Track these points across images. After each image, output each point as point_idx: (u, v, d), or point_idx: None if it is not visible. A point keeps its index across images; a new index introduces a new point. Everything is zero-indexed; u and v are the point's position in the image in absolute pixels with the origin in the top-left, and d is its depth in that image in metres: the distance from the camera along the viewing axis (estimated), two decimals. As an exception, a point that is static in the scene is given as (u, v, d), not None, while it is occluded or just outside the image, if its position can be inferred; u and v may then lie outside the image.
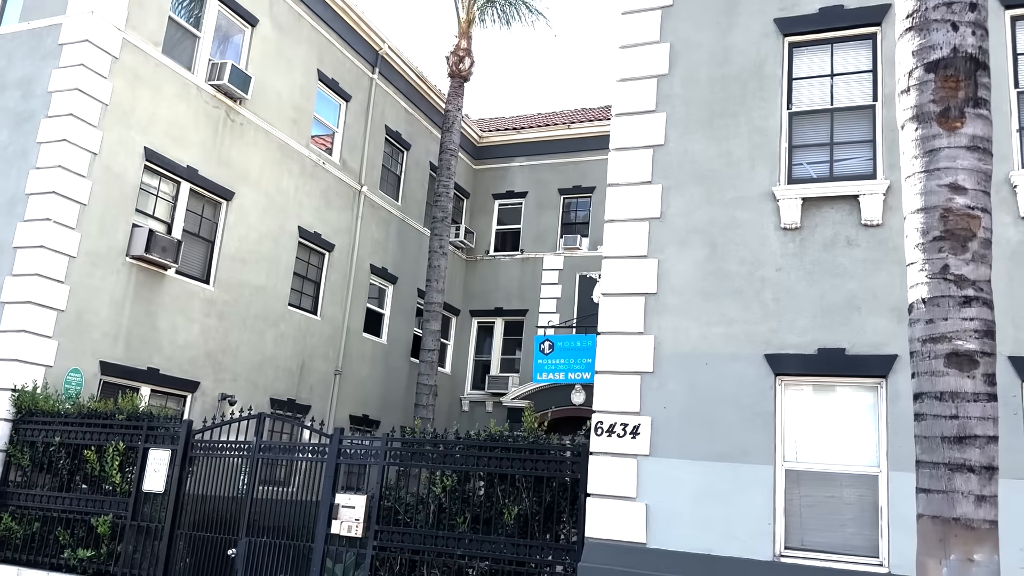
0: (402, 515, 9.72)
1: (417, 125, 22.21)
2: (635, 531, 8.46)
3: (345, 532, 9.74)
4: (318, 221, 18.23)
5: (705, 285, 8.83)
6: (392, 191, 21.26)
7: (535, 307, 22.46)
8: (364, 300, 19.84)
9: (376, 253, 20.25)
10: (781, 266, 8.58)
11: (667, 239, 9.11)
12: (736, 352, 8.56)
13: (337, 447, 10.18)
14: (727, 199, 8.94)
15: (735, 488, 8.25)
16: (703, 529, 8.26)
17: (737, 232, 8.83)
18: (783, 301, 8.49)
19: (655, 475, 8.55)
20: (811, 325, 8.34)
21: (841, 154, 8.81)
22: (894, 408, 7.89)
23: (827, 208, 8.54)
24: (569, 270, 22.35)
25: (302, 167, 17.76)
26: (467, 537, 9.25)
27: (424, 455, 9.84)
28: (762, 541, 8.06)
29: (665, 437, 8.61)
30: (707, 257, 8.89)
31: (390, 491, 9.93)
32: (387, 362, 20.54)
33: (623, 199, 9.37)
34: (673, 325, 8.86)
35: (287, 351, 17.24)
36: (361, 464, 10.10)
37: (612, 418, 8.83)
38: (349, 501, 9.84)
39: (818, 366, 8.24)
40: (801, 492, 8.21)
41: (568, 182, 23.07)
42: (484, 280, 23.43)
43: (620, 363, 8.95)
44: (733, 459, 8.32)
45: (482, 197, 24.16)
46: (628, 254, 9.22)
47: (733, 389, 8.48)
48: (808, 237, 8.56)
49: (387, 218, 20.74)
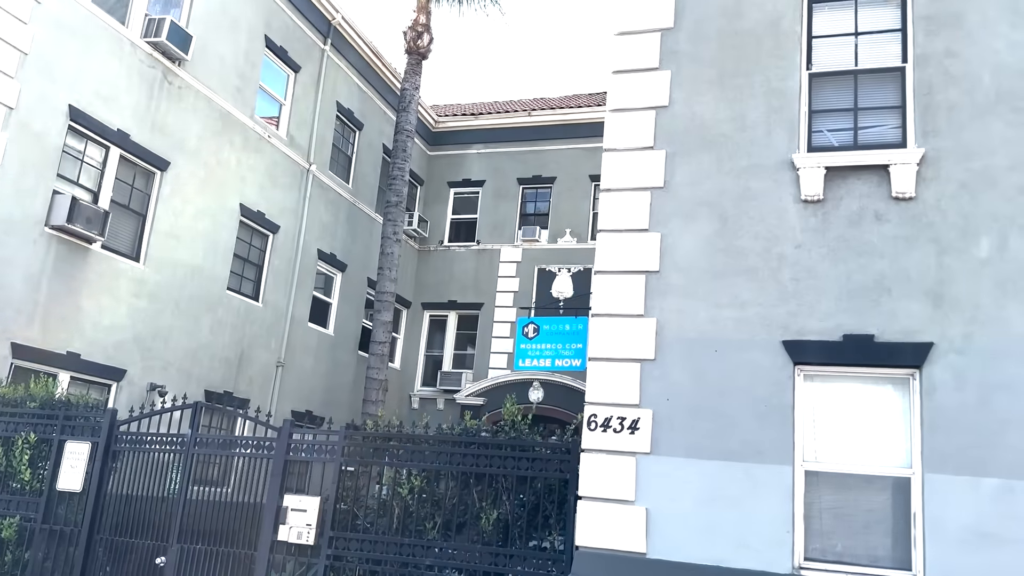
0: (361, 520, 8.50)
1: (371, 104, 20.92)
2: (633, 539, 7.42)
3: (294, 539, 8.48)
4: (262, 199, 16.82)
5: (715, 263, 7.86)
6: (343, 173, 19.93)
7: (491, 301, 21.36)
8: (310, 287, 18.47)
9: (324, 237, 18.89)
10: (801, 243, 7.65)
11: (671, 211, 8.11)
12: (750, 338, 7.59)
13: (287, 442, 8.91)
14: (740, 168, 7.99)
15: (748, 491, 7.28)
16: (712, 537, 7.26)
17: (751, 204, 7.88)
18: (803, 281, 7.56)
19: (657, 476, 7.53)
20: (835, 309, 7.43)
21: (866, 121, 7.93)
22: (930, 402, 7.02)
23: (853, 179, 7.65)
24: (527, 263, 21.31)
25: (245, 140, 16.34)
26: (437, 545, 8.09)
27: (388, 451, 8.64)
28: (779, 551, 7.10)
29: (668, 433, 7.60)
30: (717, 232, 7.92)
31: (348, 492, 8.71)
32: (333, 355, 19.19)
33: (621, 166, 8.34)
34: (678, 307, 7.86)
35: (224, 339, 15.79)
36: (315, 461, 8.85)
37: (607, 411, 7.79)
38: (300, 503, 8.58)
39: (843, 354, 7.32)
40: (823, 496, 7.28)
41: (528, 171, 22.04)
42: (437, 272, 22.22)
43: (617, 349, 7.92)
44: (746, 458, 7.35)
45: (437, 185, 22.97)
46: (627, 227, 8.19)
47: (746, 380, 7.51)
48: (831, 211, 7.65)
49: (337, 201, 19.40)
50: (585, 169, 21.42)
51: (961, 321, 7.08)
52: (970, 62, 7.56)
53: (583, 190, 21.36)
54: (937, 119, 7.54)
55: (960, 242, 7.23)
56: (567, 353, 8.45)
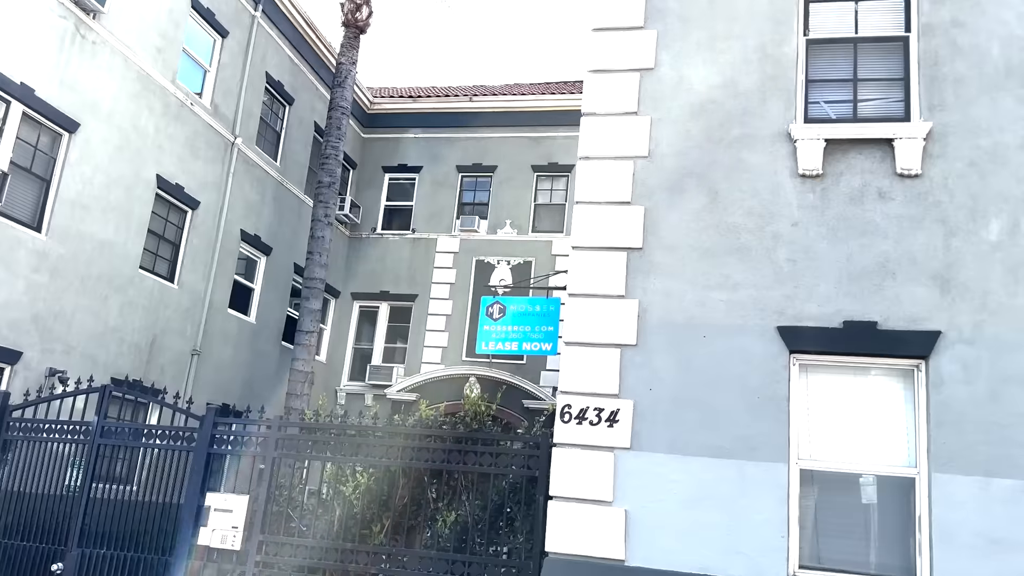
0: (297, 522, 7.48)
1: (303, 79, 19.66)
2: (611, 544, 6.63)
3: (218, 543, 7.39)
4: (181, 172, 15.45)
5: (704, 240, 7.14)
6: (271, 149, 18.63)
7: (426, 292, 20.34)
8: (231, 271, 17.13)
9: (249, 217, 17.57)
10: (798, 220, 7.01)
11: (657, 183, 7.37)
12: (742, 323, 6.90)
13: (210, 432, 7.81)
14: (732, 138, 7.30)
15: (739, 491, 6.57)
16: (698, 542, 6.53)
17: (744, 177, 7.20)
18: (801, 263, 6.92)
19: (638, 473, 6.76)
20: (835, 292, 6.80)
21: (867, 93, 7.35)
22: (936, 396, 6.44)
23: (854, 153, 7.05)
24: (465, 254, 20.37)
25: (166, 106, 14.96)
26: (385, 551, 7.14)
27: (330, 445, 7.63)
28: (772, 557, 6.41)
29: (651, 426, 6.84)
30: (706, 206, 7.21)
31: (281, 491, 7.67)
32: (254, 344, 17.87)
33: (602, 132, 7.56)
34: (663, 288, 7.12)
35: (135, 323, 14.38)
36: (243, 455, 7.76)
37: (583, 401, 6.98)
38: (224, 503, 7.50)
39: (843, 343, 6.70)
40: (819, 497, 6.64)
41: (468, 159, 21.11)
42: (369, 260, 21.07)
43: (594, 333, 7.12)
44: (737, 455, 6.65)
45: (371, 169, 21.82)
46: (607, 199, 7.41)
47: (738, 368, 6.81)
48: (831, 187, 7.03)
49: (263, 179, 18.09)
50: (528, 159, 20.64)
51: (970, 309, 6.54)
52: (978, 33, 7.06)
53: (525, 180, 20.57)
54: (944, 92, 7.01)
55: (969, 224, 6.70)
56: (537, 336, 7.62)
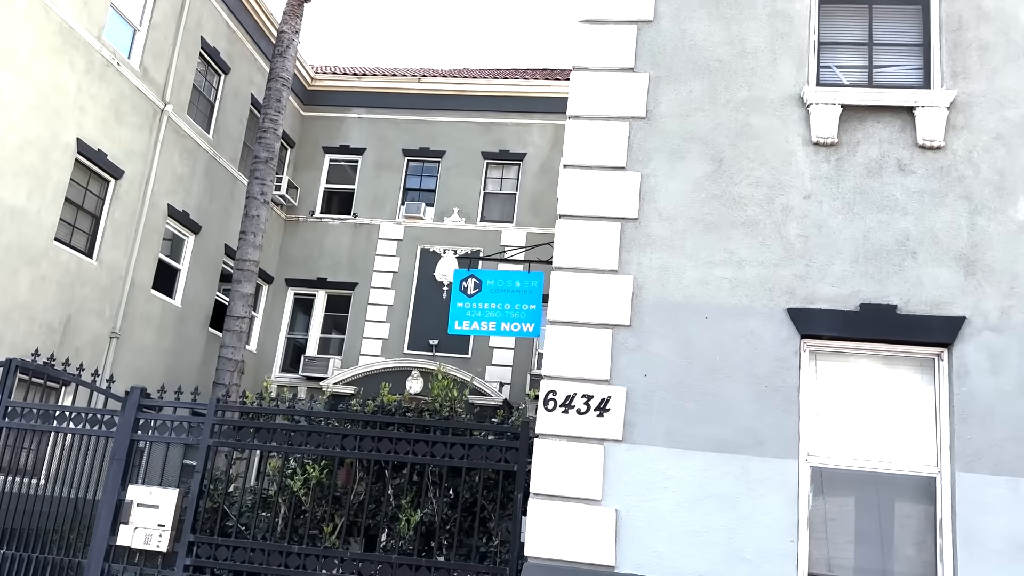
0: (235, 521, 6.49)
1: (240, 48, 18.41)
2: (599, 548, 5.85)
3: (141, 544, 6.35)
4: (104, 137, 14.11)
5: (706, 212, 6.43)
6: (203, 120, 17.34)
7: (366, 280, 19.29)
8: (156, 248, 15.82)
9: (177, 192, 16.26)
10: (811, 192, 6.36)
11: (654, 147, 6.63)
12: (748, 304, 6.21)
13: (134, 416, 6.75)
14: (738, 100, 6.62)
15: (744, 490, 5.87)
16: (698, 547, 5.80)
17: (752, 144, 6.52)
18: (813, 239, 6.26)
19: (630, 469, 6.00)
20: (851, 272, 6.17)
21: (883, 59, 6.76)
22: (961, 387, 5.86)
23: (872, 122, 6.44)
24: (410, 242, 19.39)
25: (89, 63, 13.63)
26: (337, 555, 6.21)
27: (275, 432, 6.65)
28: (780, 564, 5.72)
29: (646, 416, 6.09)
30: (710, 175, 6.51)
31: (217, 484, 6.67)
32: (179, 330, 16.56)
33: (594, 89, 6.79)
34: (660, 263, 6.38)
35: (48, 300, 13.02)
36: (174, 443, 6.72)
37: (570, 387, 6.19)
38: (150, 497, 6.46)
39: (860, 327, 6.06)
40: (831, 498, 5.99)
41: (414, 143, 20.14)
42: (306, 245, 19.89)
43: (583, 311, 6.34)
44: (742, 450, 5.95)
45: (310, 149, 20.63)
46: (599, 164, 6.64)
47: (743, 354, 6.12)
48: (847, 157, 6.40)
49: (194, 151, 16.80)
50: (478, 145, 19.79)
51: (997, 293, 5.98)
52: (1005, -3, 6.54)
53: (474, 167, 19.71)
54: (968, 60, 6.46)
55: (995, 201, 6.15)
56: (517, 315, 6.80)
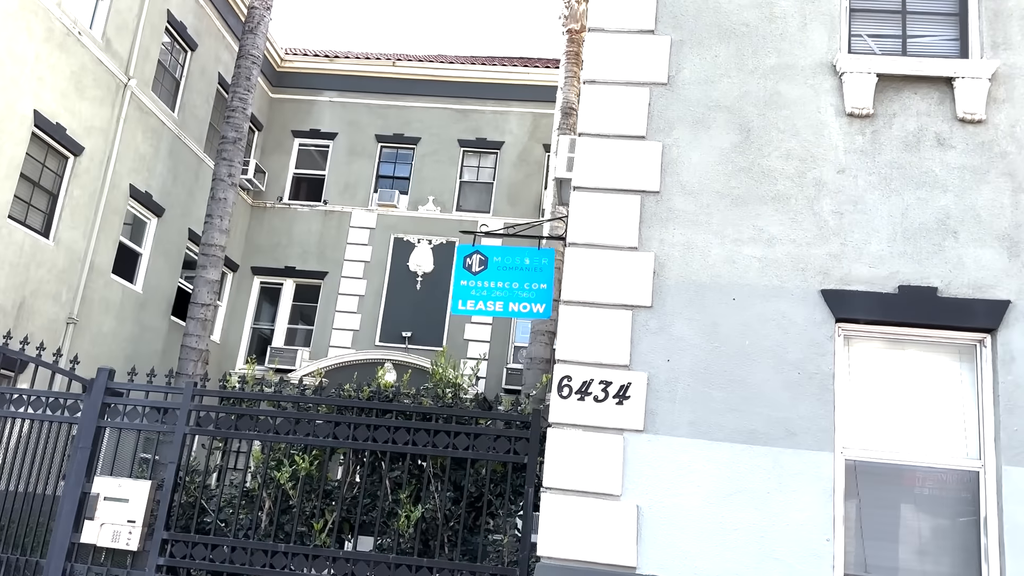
0: (213, 517, 5.87)
1: (208, 24, 17.60)
2: (618, 548, 5.37)
3: (108, 542, 5.71)
4: (64, 111, 13.28)
5: (733, 185, 5.98)
6: (168, 98, 16.51)
7: (337, 269, 18.60)
8: (117, 231, 14.99)
9: (140, 172, 15.44)
10: (845, 167, 5.94)
11: (677, 115, 6.16)
12: (779, 284, 5.77)
13: (100, 400, 6.10)
14: (767, 67, 6.18)
15: (776, 484, 5.43)
16: (726, 546, 5.35)
17: (781, 114, 6.08)
18: (849, 216, 5.85)
19: (652, 462, 5.52)
20: (888, 252, 5.76)
21: (917, 28, 6.38)
22: (1006, 375, 5.48)
23: (908, 93, 6.04)
24: (383, 230, 18.74)
25: (49, 31, 12.79)
26: (329, 554, 5.63)
27: (259, 420, 6.05)
28: (815, 564, 5.29)
29: (669, 405, 5.62)
30: (737, 145, 6.06)
31: (194, 477, 6.05)
32: (140, 317, 15.74)
33: (611, 52, 6.30)
34: (684, 240, 5.91)
35: (0, 281, 12.17)
36: (145, 430, 6.08)
37: (586, 372, 5.69)
38: (119, 490, 5.83)
39: (899, 311, 5.66)
40: (866, 493, 5.57)
41: (388, 128, 19.49)
42: (274, 232, 19.13)
43: (600, 291, 5.85)
44: (773, 441, 5.50)
45: (278, 133, 19.87)
46: (617, 132, 6.15)
47: (774, 338, 5.68)
48: (883, 130, 6.00)
49: (159, 130, 15.98)
50: (454, 132, 19.21)
51: (1044, 276, 5.62)
52: (1047, -36, 6.19)
53: (450, 155, 19.13)
54: (1009, 30, 6.10)
55: (1040, 179, 5.78)
56: (526, 295, 6.28)
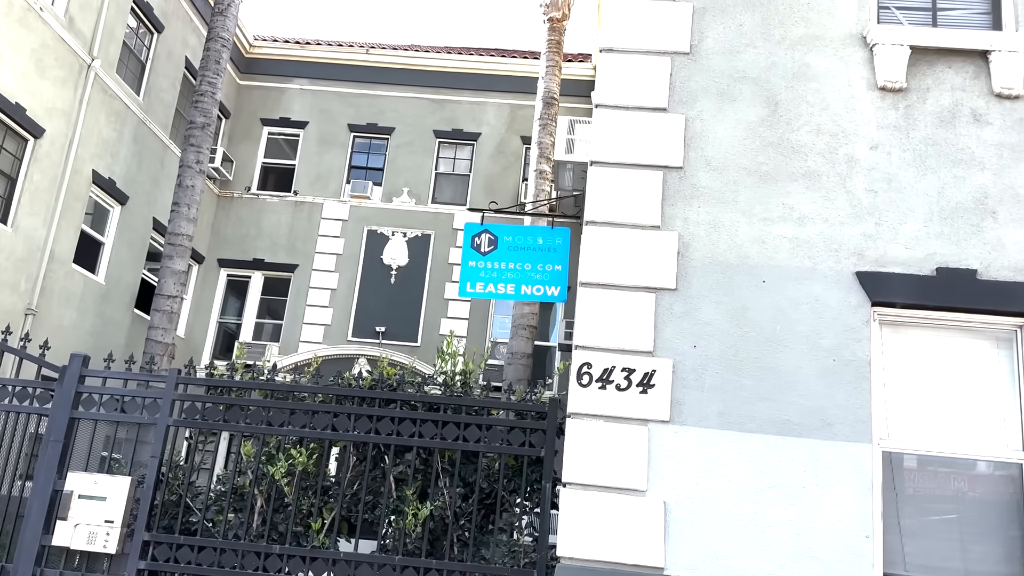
0: (200, 516, 5.36)
1: (175, 6, 16.91)
2: (645, 547, 4.98)
3: (83, 544, 5.18)
4: (24, 91, 12.56)
5: (761, 161, 5.64)
6: (134, 81, 15.80)
7: (308, 262, 18.01)
8: (79, 218, 14.27)
9: (103, 157, 14.72)
10: (878, 143, 5.63)
11: (700, 86, 5.81)
12: (811, 266, 5.44)
13: (74, 388, 5.56)
14: (794, 37, 5.85)
15: (812, 478, 5.09)
16: (761, 544, 4.99)
17: (811, 87, 5.76)
18: (883, 194, 5.53)
19: (679, 454, 5.15)
20: (924, 233, 5.46)
21: (947, 2, 6.10)
22: (1050, 363, 5.22)
23: (942, 66, 5.76)
24: (356, 222, 18.19)
25: (8, 5, 12.08)
26: (328, 555, 5.16)
27: (250, 410, 5.55)
28: (855, 562, 4.96)
29: (697, 393, 5.25)
30: (764, 119, 5.71)
31: (178, 472, 5.54)
32: (102, 309, 15.01)
33: (629, 18, 5.93)
34: (710, 218, 5.56)
35: (-47, 269, 11.45)
36: (125, 421, 5.55)
37: (607, 359, 5.30)
38: (95, 488, 5.29)
39: (937, 294, 5.35)
40: (903, 487, 5.26)
41: (361, 118, 18.93)
42: (241, 223, 18.47)
43: (621, 272, 5.46)
44: (808, 432, 5.17)
45: (247, 120, 19.20)
46: (636, 104, 5.77)
47: (807, 323, 5.34)
48: (916, 104, 5.70)
49: (123, 114, 15.27)
50: (429, 123, 18.73)
51: (1086, 258, 5.36)
52: (1081, -63, 5.95)
53: (425, 146, 18.64)
54: (1045, 2, 5.84)
55: (1080, 158, 5.53)
56: (540, 276, 5.88)
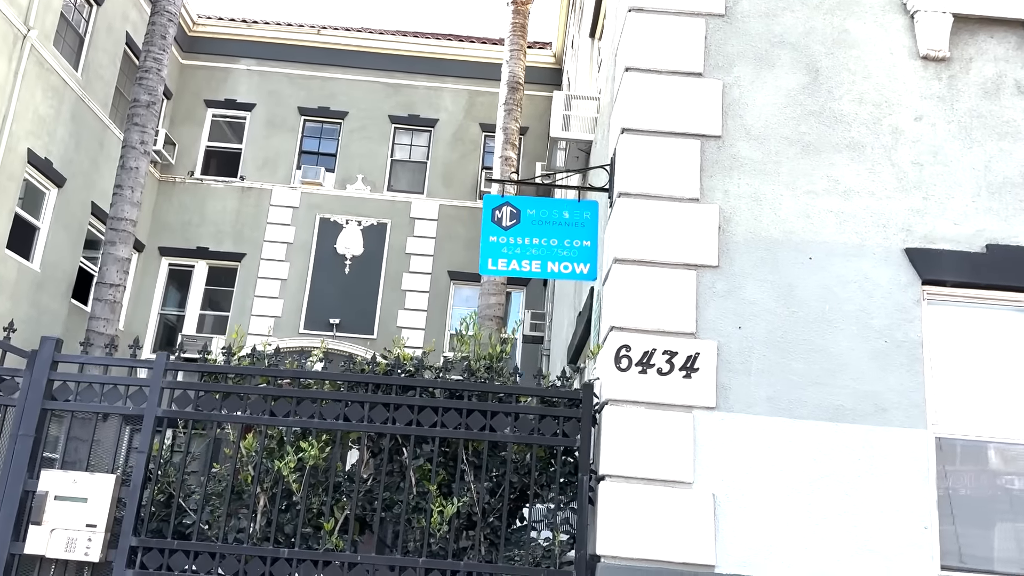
0: (196, 518, 4.76)
1: (116, -23, 15.89)
2: (693, 543, 4.60)
3: (60, 552, 4.54)
4: (-48, 59, 11.52)
5: (803, 131, 5.31)
6: (71, 56, 14.76)
7: (256, 251, 17.17)
8: (12, 201, 13.22)
9: (39, 135, 13.68)
10: (922, 113, 5.36)
11: (737, 51, 5.45)
12: (859, 242, 5.13)
13: (45, 375, 4.89)
14: (833, 1, 5.55)
15: (866, 466, 4.79)
16: (816, 537, 4.66)
17: (851, 54, 5.46)
18: (929, 167, 5.27)
19: (727, 443, 4.79)
20: (973, 208, 5.21)
21: (982, -30, 5.87)
22: (1102, 344, 5.02)
23: (984, 36, 5.52)
24: (307, 210, 17.42)
25: (-65, -36, 11.04)
26: (344, 559, 4.63)
27: (249, 399, 4.96)
28: (914, 556, 4.67)
29: (743, 378, 4.90)
30: (805, 86, 5.39)
31: (169, 469, 4.93)
32: (37, 298, 13.97)
33: (660, -22, 5.53)
34: (751, 191, 5.20)
35: None
36: (105, 412, 4.89)
37: (647, 341, 4.90)
38: (74, 488, 4.65)
39: (987, 271, 5.11)
40: (957, 475, 4.99)
41: (312, 101, 18.15)
42: (184, 209, 17.50)
43: (658, 248, 5.07)
44: (861, 419, 4.86)
45: (190, 102, 18.20)
46: (669, 68, 5.38)
47: (857, 302, 5.04)
48: (960, 75, 5.45)
49: (60, 90, 14.23)
50: (384, 108, 18.07)
51: None
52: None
53: (381, 131, 17.97)
54: (1084, -28, 5.66)
55: (1125, 132, 5.36)
56: (567, 253, 5.42)
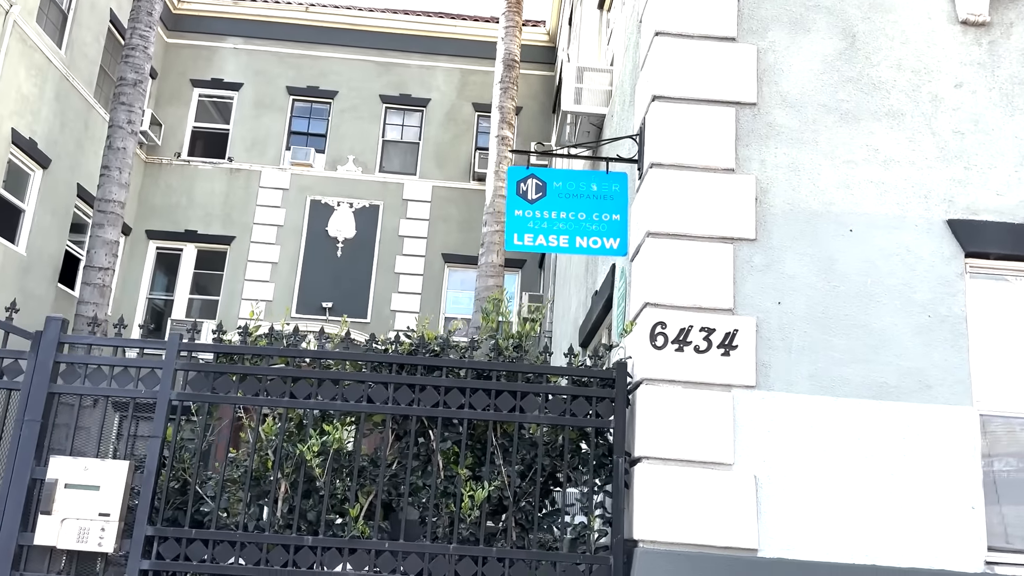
0: (214, 506, 4.53)
1: (99, -49, 15.42)
2: (735, 527, 4.43)
3: (72, 543, 4.29)
4: (-68, 34, 11.09)
5: (841, 98, 5.12)
6: (55, 33, 14.31)
7: (245, 234, 16.82)
8: (-4, 182, 12.83)
9: (23, 115, 13.27)
10: (962, 81, 5.18)
11: (771, 15, 5.24)
12: (900, 213, 4.95)
13: (51, 358, 4.62)
14: (869, -35, 5.35)
15: (912, 446, 4.63)
16: (859, 520, 4.50)
17: (888, 19, 5.26)
18: (970, 136, 5.09)
19: (768, 422, 4.61)
20: (1016, 178, 5.04)
21: (1019, -66, 5.69)
22: None
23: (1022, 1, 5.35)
24: (297, 192, 17.07)
25: (-87, -66, 10.60)
26: (371, 546, 4.42)
27: (269, 382, 4.71)
28: (961, 537, 4.53)
29: (784, 355, 4.71)
30: (842, 52, 5.19)
31: (185, 455, 4.69)
32: (23, 283, 13.59)
33: (691, -60, 5.30)
34: (789, 160, 5.01)
35: None
36: (116, 396, 4.63)
37: (683, 318, 4.70)
38: (85, 475, 4.40)
39: (1032, 244, 4.96)
40: (1001, 453, 4.85)
41: (302, 80, 17.77)
42: (172, 191, 17.10)
43: (692, 221, 4.87)
44: (906, 396, 4.69)
45: (176, 82, 17.77)
46: (701, 32, 5.16)
47: (899, 275, 4.86)
48: (1000, 40, 5.27)
49: (44, 68, 13.81)
50: (375, 87, 17.73)
51: None
52: None
53: (372, 111, 17.64)
54: (1123, -64, 5.49)
55: None
56: (596, 227, 5.19)
